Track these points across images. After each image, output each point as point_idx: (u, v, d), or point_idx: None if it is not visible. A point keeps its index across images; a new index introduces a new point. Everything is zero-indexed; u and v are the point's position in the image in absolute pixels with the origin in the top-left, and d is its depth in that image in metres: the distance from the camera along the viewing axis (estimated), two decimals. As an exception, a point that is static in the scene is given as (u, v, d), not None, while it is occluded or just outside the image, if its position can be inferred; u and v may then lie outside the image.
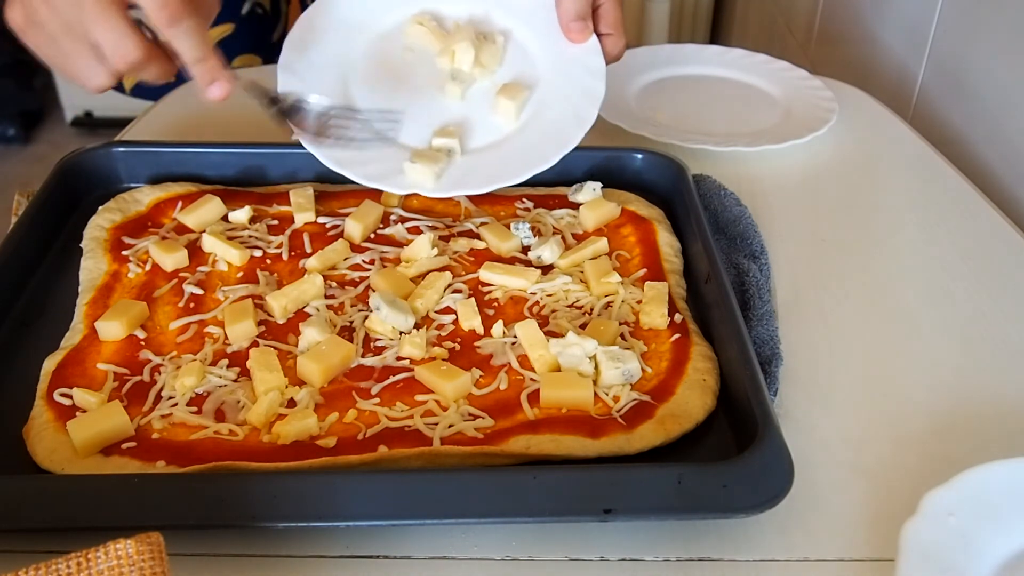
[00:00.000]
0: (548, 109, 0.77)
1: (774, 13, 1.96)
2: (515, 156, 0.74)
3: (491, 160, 0.75)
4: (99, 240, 0.73)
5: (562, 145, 0.74)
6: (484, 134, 0.77)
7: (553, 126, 0.75)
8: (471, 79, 0.78)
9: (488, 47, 0.78)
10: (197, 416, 0.58)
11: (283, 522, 0.50)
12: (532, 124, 0.76)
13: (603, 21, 0.78)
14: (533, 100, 0.77)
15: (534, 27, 0.79)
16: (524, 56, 0.80)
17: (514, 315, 0.67)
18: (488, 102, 0.78)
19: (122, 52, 0.62)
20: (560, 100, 0.77)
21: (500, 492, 0.51)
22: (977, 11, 1.06)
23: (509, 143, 0.76)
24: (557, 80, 0.78)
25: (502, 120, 0.77)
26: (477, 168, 0.74)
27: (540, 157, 0.73)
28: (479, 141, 0.76)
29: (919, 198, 0.89)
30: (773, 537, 0.53)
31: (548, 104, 0.77)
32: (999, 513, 0.52)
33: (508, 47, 0.80)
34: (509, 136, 0.76)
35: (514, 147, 0.75)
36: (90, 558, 0.40)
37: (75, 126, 2.88)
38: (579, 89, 0.76)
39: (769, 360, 0.64)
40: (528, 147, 0.75)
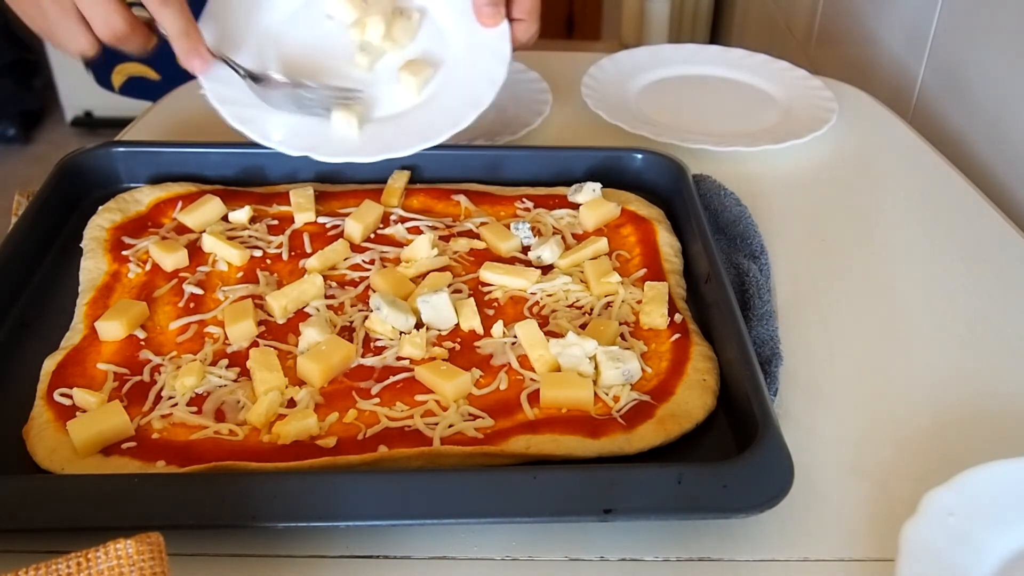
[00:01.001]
0: (449, 88, 0.80)
1: (774, 13, 1.96)
2: (411, 129, 0.78)
3: (388, 131, 0.79)
4: (99, 240, 0.73)
5: (455, 123, 0.77)
6: (387, 106, 0.81)
7: (451, 105, 0.79)
8: (380, 52, 0.82)
9: (402, 22, 0.82)
10: (197, 416, 0.58)
11: (283, 522, 0.50)
12: (432, 101, 0.80)
13: (516, 7, 0.80)
14: (437, 78, 0.81)
15: (451, 7, 0.82)
16: (437, 35, 0.83)
17: (514, 315, 0.67)
18: (393, 76, 0.81)
19: (110, 24, 0.67)
20: (462, 81, 0.80)
21: (500, 492, 0.51)
22: (977, 11, 1.06)
23: (408, 116, 0.80)
24: (463, 62, 0.81)
25: (403, 95, 0.80)
26: (375, 137, 0.78)
27: (433, 132, 0.77)
28: (381, 112, 0.80)
29: (919, 198, 0.89)
30: (773, 537, 0.53)
31: (450, 83, 0.81)
32: (999, 513, 0.52)
33: (423, 24, 0.83)
34: (408, 111, 0.80)
35: (411, 121, 0.79)
36: (90, 558, 0.40)
37: (75, 126, 2.88)
38: (482, 72, 0.80)
39: (769, 360, 0.64)
40: (424, 122, 0.79)
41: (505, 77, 0.79)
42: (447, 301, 0.65)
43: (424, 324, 0.66)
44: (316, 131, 0.78)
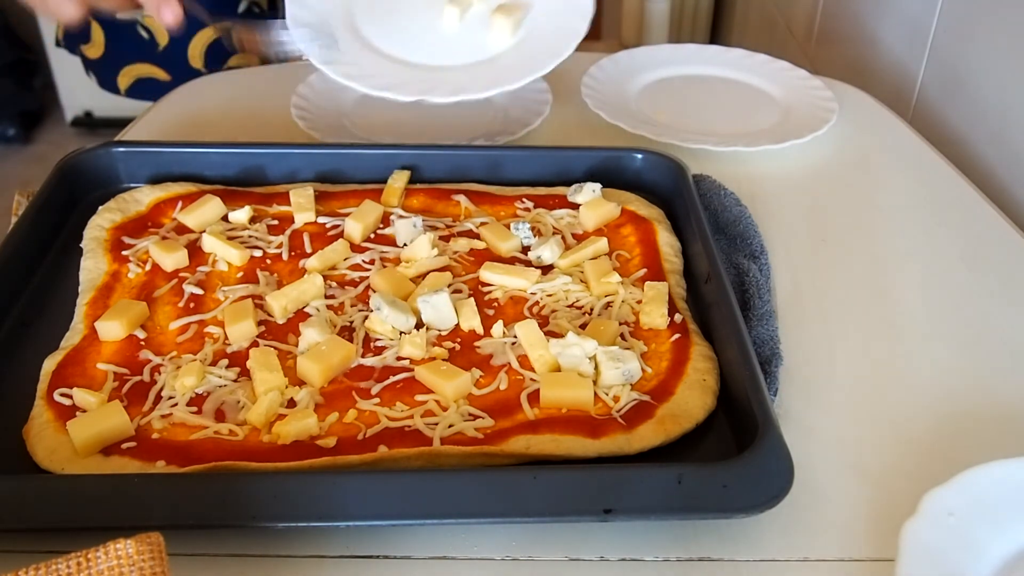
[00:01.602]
0: (540, 27, 0.84)
1: (774, 13, 1.96)
2: (512, 67, 0.82)
3: (491, 70, 0.82)
4: (99, 240, 0.73)
5: (556, 54, 0.81)
6: (480, 52, 0.84)
7: (545, 40, 0.83)
8: (468, 3, 0.85)
9: None
10: (197, 416, 0.58)
11: (283, 522, 0.50)
12: (526, 41, 0.84)
13: None
14: (527, 20, 0.85)
15: None
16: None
17: (514, 315, 0.67)
18: (484, 25, 0.85)
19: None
20: (550, 17, 0.84)
21: (500, 492, 0.51)
22: (977, 11, 1.06)
23: (505, 57, 0.84)
24: (548, 3, 0.85)
25: (497, 38, 0.84)
26: (477, 77, 0.81)
27: (537, 64, 0.81)
28: (475, 58, 0.84)
29: (919, 198, 0.89)
30: (773, 537, 0.53)
31: (540, 23, 0.85)
32: (999, 513, 0.52)
33: None
34: (504, 52, 0.84)
35: (510, 60, 0.83)
36: (90, 558, 0.40)
37: (75, 126, 2.88)
38: (568, 5, 0.84)
39: (769, 360, 0.64)
40: (523, 59, 0.82)
41: (592, 10, 0.84)
42: (447, 301, 0.65)
43: (424, 324, 0.66)
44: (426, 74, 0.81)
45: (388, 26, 0.85)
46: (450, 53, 0.84)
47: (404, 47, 0.84)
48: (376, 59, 0.82)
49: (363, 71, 0.80)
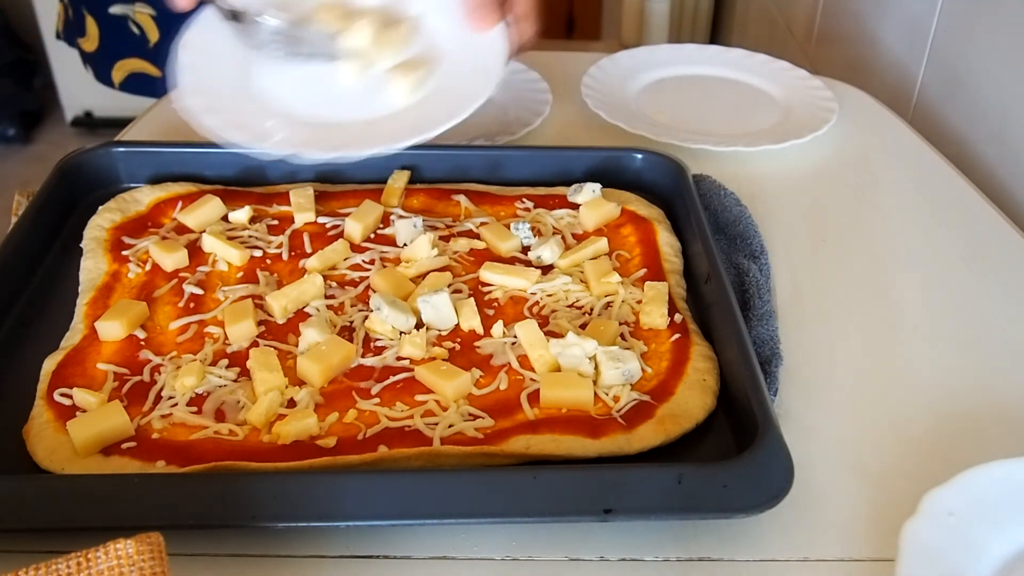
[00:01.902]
0: (444, 87, 0.77)
1: (774, 13, 1.96)
2: (406, 124, 0.75)
3: (383, 128, 0.75)
4: (99, 240, 0.73)
5: (450, 116, 0.73)
6: (382, 110, 0.77)
7: (446, 101, 0.76)
8: (370, 60, 0.79)
9: (391, 32, 0.79)
10: (197, 416, 0.58)
11: (283, 522, 0.50)
12: (426, 100, 0.77)
13: (515, 7, 0.79)
14: (431, 79, 0.78)
15: (447, 13, 0.80)
16: (432, 42, 0.80)
17: (514, 315, 0.67)
18: (385, 82, 0.78)
19: None
20: (457, 80, 0.77)
21: (500, 492, 0.51)
22: (977, 11, 1.06)
23: (402, 115, 0.76)
24: (458, 62, 0.78)
25: (396, 96, 0.77)
26: (369, 133, 0.74)
27: (428, 125, 0.73)
28: (378, 114, 0.77)
29: (919, 198, 0.89)
30: (773, 537, 0.53)
31: (444, 83, 0.78)
32: (999, 513, 0.52)
33: (418, 34, 0.80)
34: (402, 110, 0.77)
35: (405, 117, 0.76)
36: (90, 558, 0.40)
37: (75, 126, 2.88)
38: (478, 69, 0.77)
39: (769, 360, 0.64)
40: (418, 118, 0.75)
41: (501, 75, 0.76)
42: (447, 301, 0.65)
43: (424, 324, 0.66)
44: (305, 128, 0.75)
45: (284, 84, 0.78)
46: (346, 109, 0.77)
47: (296, 100, 0.77)
48: (259, 109, 0.76)
49: (239, 121, 0.74)
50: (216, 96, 0.76)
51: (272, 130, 0.74)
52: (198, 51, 0.78)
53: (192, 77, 0.76)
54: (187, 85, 0.75)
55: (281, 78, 0.78)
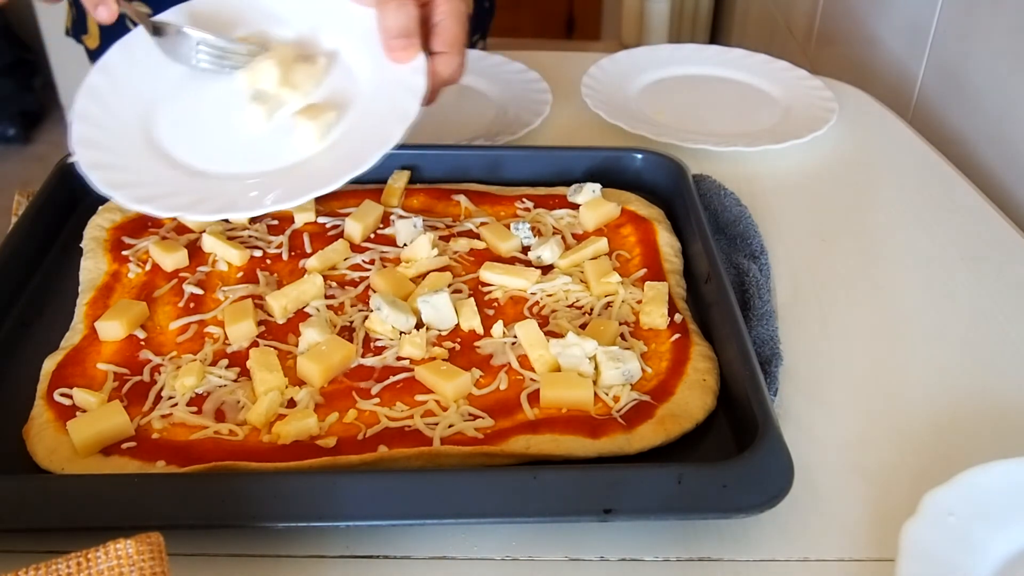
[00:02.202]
0: (356, 129, 0.70)
1: (774, 13, 1.96)
2: (309, 174, 0.67)
3: (286, 178, 0.68)
4: (99, 240, 0.73)
5: (355, 165, 0.65)
6: (290, 156, 0.69)
7: (355, 146, 0.68)
8: (279, 101, 0.71)
9: (304, 68, 0.72)
10: (197, 416, 0.58)
11: (283, 522, 0.50)
12: (336, 145, 0.69)
13: (437, 39, 0.71)
14: (344, 121, 0.70)
15: (364, 46, 0.73)
16: (347, 77, 0.73)
17: (514, 315, 0.67)
18: (292, 127, 0.71)
19: None
20: (369, 121, 0.70)
21: (500, 492, 0.51)
22: (977, 11, 1.06)
23: (308, 162, 0.69)
24: (373, 100, 0.71)
25: (301, 142, 0.69)
26: (269, 185, 0.67)
27: (329, 177, 0.65)
28: (282, 163, 0.69)
29: (919, 198, 0.89)
30: (773, 537, 0.53)
31: (357, 124, 0.70)
32: (999, 513, 0.52)
33: (334, 68, 0.74)
34: (309, 157, 0.69)
35: (310, 166, 0.69)
36: (90, 558, 0.40)
37: (75, 126, 2.88)
38: (393, 108, 0.69)
39: (769, 360, 0.64)
40: (323, 166, 0.68)
41: (417, 113, 0.68)
42: (447, 301, 0.65)
43: (424, 324, 0.66)
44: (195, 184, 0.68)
45: (187, 129, 0.71)
46: (248, 158, 0.69)
47: (197, 152, 0.70)
48: (153, 166, 0.69)
49: (128, 180, 0.67)
50: (108, 148, 0.69)
51: (156, 191, 0.66)
52: (99, 90, 0.72)
53: (85, 126, 0.70)
54: (79, 134, 0.69)
55: (185, 120, 0.72)
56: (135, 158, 0.69)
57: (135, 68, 0.74)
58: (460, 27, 0.72)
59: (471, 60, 1.09)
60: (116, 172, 0.67)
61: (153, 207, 0.65)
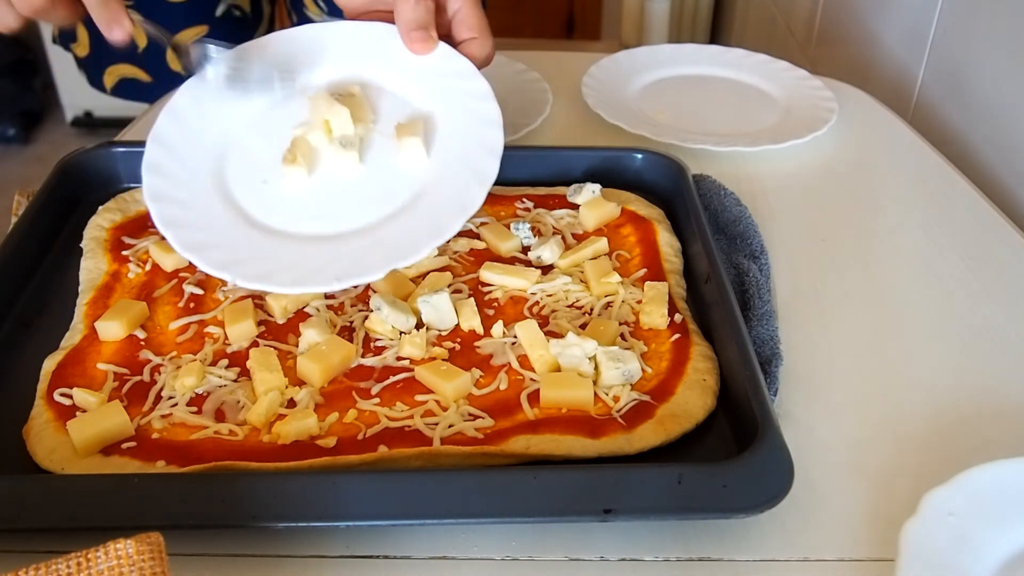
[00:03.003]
0: (452, 137, 0.69)
1: (774, 13, 1.96)
2: (448, 199, 0.65)
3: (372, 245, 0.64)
4: (99, 240, 0.73)
5: (438, 232, 0.63)
6: (406, 188, 0.67)
7: (466, 155, 0.67)
8: (358, 139, 0.69)
9: (352, 101, 0.70)
10: (197, 416, 0.58)
11: (283, 522, 0.50)
12: (446, 157, 0.68)
13: (463, 26, 0.73)
14: (436, 131, 0.69)
15: (391, 65, 0.72)
16: (394, 97, 0.72)
17: (514, 315, 0.67)
18: (388, 154, 0.69)
19: (28, 1, 0.64)
20: (460, 126, 0.69)
21: (500, 492, 0.51)
22: (977, 11, 1.06)
23: (433, 188, 0.67)
24: (445, 105, 0.70)
25: (412, 162, 0.68)
26: (418, 228, 0.64)
27: (470, 199, 0.64)
28: (402, 198, 0.66)
29: (919, 198, 0.89)
30: (773, 537, 0.53)
31: (450, 132, 0.69)
32: (999, 513, 0.52)
33: (371, 94, 0.72)
34: (431, 181, 0.67)
35: (441, 192, 0.66)
36: (90, 558, 0.40)
37: (75, 126, 2.88)
38: (472, 113, 0.68)
39: (769, 360, 0.64)
40: (456, 188, 0.66)
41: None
42: (447, 301, 0.65)
43: (424, 324, 0.66)
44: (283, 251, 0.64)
45: (263, 185, 0.68)
46: (351, 212, 0.65)
47: (275, 211, 0.66)
48: (234, 229, 0.65)
49: (209, 241, 0.64)
50: (182, 203, 0.66)
51: (237, 255, 0.63)
52: (170, 140, 0.69)
53: (156, 178, 0.67)
54: (150, 186, 0.66)
55: (259, 174, 0.69)
56: (211, 215, 0.66)
57: (205, 113, 0.71)
58: (478, 12, 0.74)
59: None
60: (194, 231, 0.64)
61: (232, 274, 0.62)
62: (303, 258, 0.64)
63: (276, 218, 0.66)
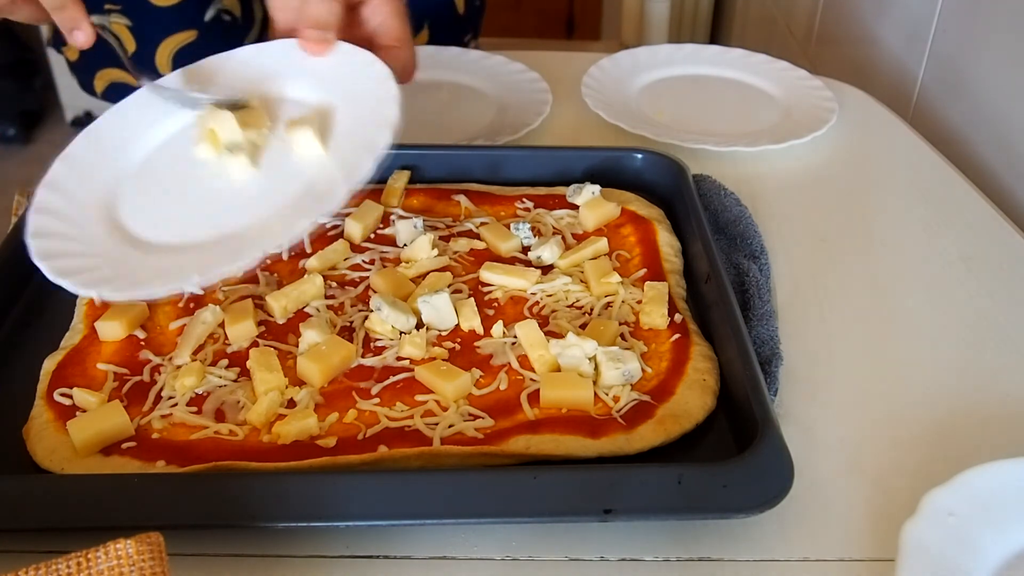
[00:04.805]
0: (350, 124, 0.66)
1: (774, 13, 1.96)
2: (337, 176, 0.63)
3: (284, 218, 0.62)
4: (99, 240, 0.73)
5: (351, 174, 0.61)
6: (300, 180, 0.64)
7: (360, 134, 0.65)
8: (253, 145, 0.67)
9: (248, 113, 0.67)
10: (197, 416, 0.58)
11: (283, 522, 0.50)
12: (343, 144, 0.65)
13: (384, 36, 0.72)
14: (335, 124, 0.67)
15: (294, 75, 0.71)
16: (294, 103, 0.70)
17: (514, 315, 0.67)
18: (284, 153, 0.66)
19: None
20: (358, 112, 0.66)
21: (500, 492, 0.51)
22: (977, 11, 1.06)
23: (326, 168, 0.64)
24: (343, 97, 0.68)
25: (306, 154, 0.65)
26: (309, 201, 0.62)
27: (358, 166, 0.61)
28: (295, 190, 0.63)
29: (919, 198, 0.89)
30: (773, 537, 0.53)
31: (348, 121, 0.67)
32: (999, 513, 0.52)
33: (271, 104, 0.70)
34: (325, 168, 0.64)
35: (331, 172, 0.64)
36: (90, 558, 0.40)
37: (75, 126, 2.88)
38: (370, 96, 0.66)
39: (769, 360, 0.64)
40: (346, 163, 0.63)
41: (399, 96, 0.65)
42: (447, 301, 0.65)
43: (424, 324, 0.66)
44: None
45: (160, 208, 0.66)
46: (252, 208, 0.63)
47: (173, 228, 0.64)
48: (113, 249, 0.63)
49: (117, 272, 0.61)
50: (66, 236, 0.64)
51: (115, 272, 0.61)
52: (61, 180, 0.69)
53: (44, 217, 0.65)
54: (34, 226, 0.65)
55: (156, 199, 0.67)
56: (94, 245, 0.64)
57: (99, 152, 0.70)
58: (401, 22, 0.72)
59: (471, 60, 1.10)
60: (70, 259, 0.62)
61: (104, 290, 0.59)
62: (177, 262, 0.61)
63: (161, 233, 0.64)
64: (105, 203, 0.67)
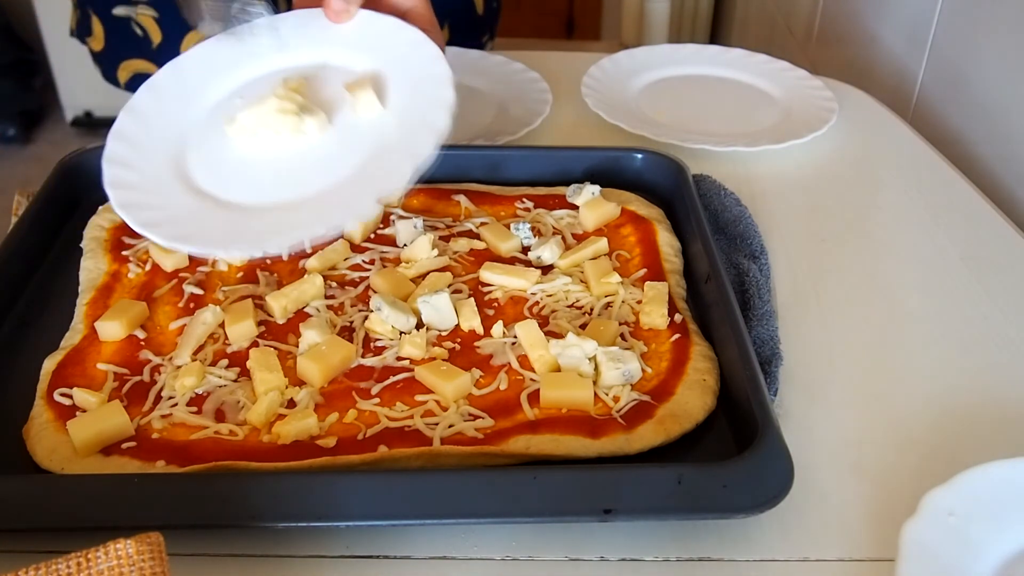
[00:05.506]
0: (405, 91, 0.69)
1: (774, 13, 1.96)
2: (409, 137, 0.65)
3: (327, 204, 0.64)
4: (99, 240, 0.73)
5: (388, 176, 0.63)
6: (368, 140, 0.67)
7: (419, 108, 0.68)
8: (320, 108, 0.69)
9: (306, 84, 0.71)
10: (197, 416, 0.58)
11: (283, 522, 0.50)
12: (401, 107, 0.68)
13: (417, 20, 0.75)
14: (388, 85, 0.70)
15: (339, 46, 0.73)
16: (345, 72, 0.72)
17: (514, 315, 0.67)
18: (349, 115, 0.68)
19: None
20: (412, 83, 0.69)
21: (500, 492, 0.51)
22: (977, 11, 1.06)
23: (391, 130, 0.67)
24: (395, 67, 0.71)
25: (369, 113, 0.68)
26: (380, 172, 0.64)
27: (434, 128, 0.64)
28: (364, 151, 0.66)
29: (919, 198, 0.89)
30: (773, 537, 0.53)
31: (402, 88, 0.69)
32: (999, 513, 0.52)
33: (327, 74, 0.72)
34: (390, 124, 0.67)
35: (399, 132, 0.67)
36: (90, 558, 0.40)
37: (75, 126, 2.88)
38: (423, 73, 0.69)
39: (769, 360, 0.64)
40: (416, 125, 0.66)
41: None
42: (447, 301, 0.65)
43: (424, 324, 0.66)
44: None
45: (225, 165, 0.68)
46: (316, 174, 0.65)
47: (240, 187, 0.66)
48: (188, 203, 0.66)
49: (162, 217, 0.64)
50: (141, 189, 0.66)
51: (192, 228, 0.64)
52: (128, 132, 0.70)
53: (116, 168, 0.67)
54: (110, 176, 0.67)
55: (222, 156, 0.69)
56: (170, 197, 0.66)
57: (164, 107, 0.72)
58: (430, 8, 0.75)
59: (472, 60, 1.10)
60: (151, 211, 0.65)
61: (190, 245, 0.62)
62: (259, 225, 0.63)
63: (231, 190, 0.66)
64: (173, 156, 0.69)
